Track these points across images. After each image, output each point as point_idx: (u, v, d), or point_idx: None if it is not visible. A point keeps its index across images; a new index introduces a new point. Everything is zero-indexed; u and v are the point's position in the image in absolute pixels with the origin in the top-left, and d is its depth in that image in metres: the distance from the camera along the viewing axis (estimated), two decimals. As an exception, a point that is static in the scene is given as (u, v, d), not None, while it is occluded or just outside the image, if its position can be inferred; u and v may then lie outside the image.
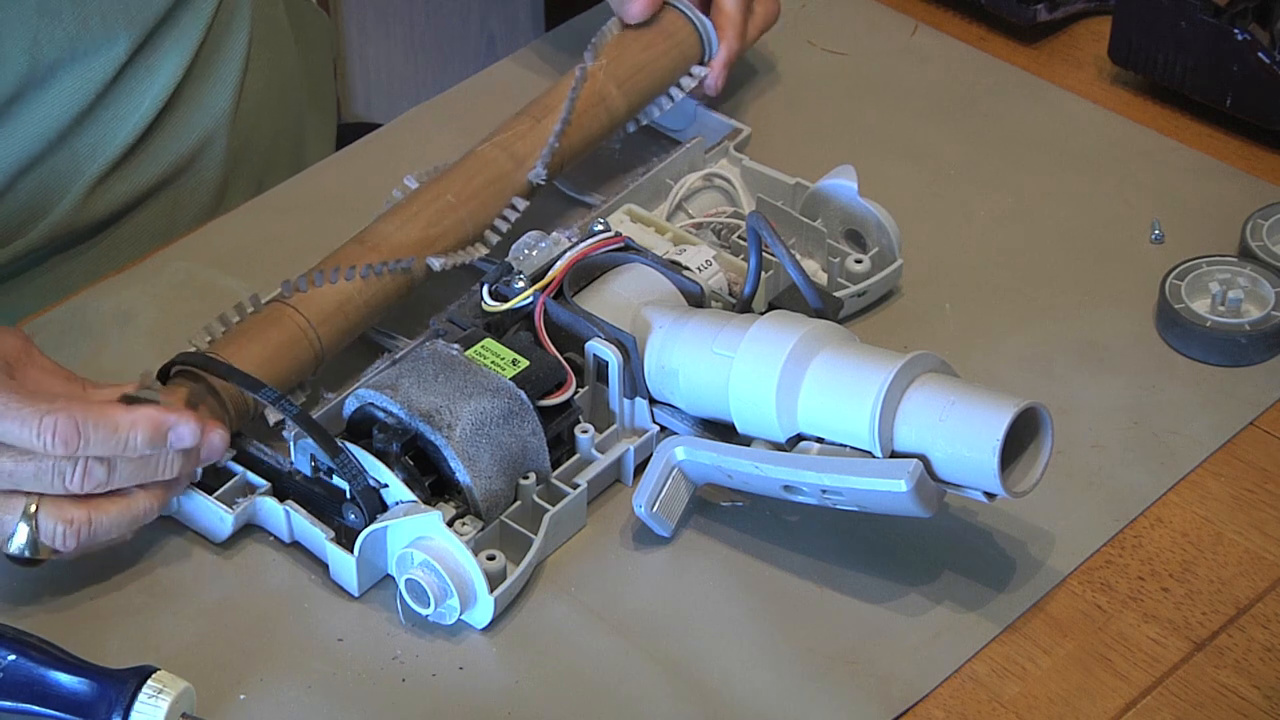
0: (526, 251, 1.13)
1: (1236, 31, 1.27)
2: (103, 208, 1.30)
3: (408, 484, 1.03)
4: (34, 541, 1.01)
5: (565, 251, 1.12)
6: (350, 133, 1.52)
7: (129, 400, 1.02)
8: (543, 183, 1.18)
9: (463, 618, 1.03)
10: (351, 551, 1.03)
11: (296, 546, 1.07)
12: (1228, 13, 1.28)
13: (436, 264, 1.13)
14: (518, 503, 1.06)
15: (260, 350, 1.08)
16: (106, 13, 1.24)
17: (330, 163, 1.32)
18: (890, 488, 1.00)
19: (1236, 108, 1.30)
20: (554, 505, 1.05)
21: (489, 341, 1.08)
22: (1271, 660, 1.02)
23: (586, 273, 1.13)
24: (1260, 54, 1.27)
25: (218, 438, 1.02)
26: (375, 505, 1.03)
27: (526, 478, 1.06)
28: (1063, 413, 1.09)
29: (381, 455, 1.03)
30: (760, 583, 1.05)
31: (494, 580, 1.02)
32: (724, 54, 1.26)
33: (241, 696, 1.00)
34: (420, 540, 1.02)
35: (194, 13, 1.30)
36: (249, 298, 1.10)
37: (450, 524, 1.02)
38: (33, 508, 1.00)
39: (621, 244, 1.13)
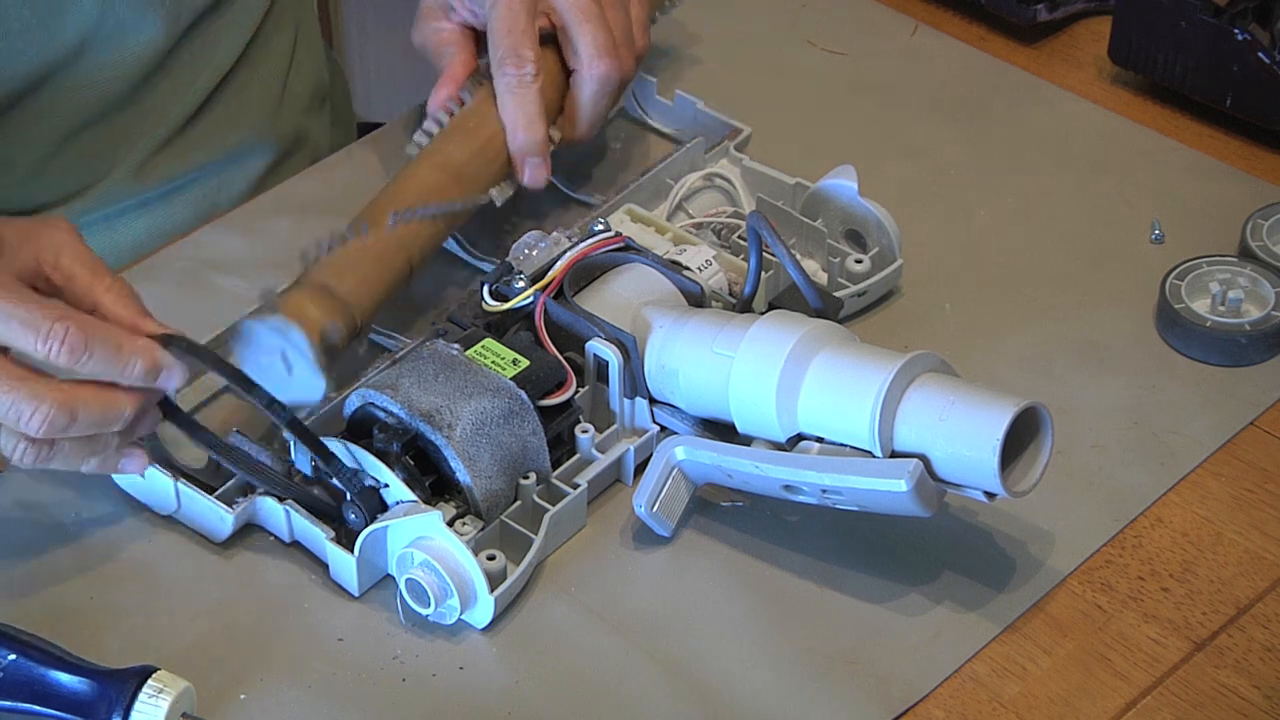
0: (526, 251, 1.13)
1: (1236, 31, 1.27)
2: (152, 181, 1.32)
3: (408, 484, 1.03)
4: None
5: (565, 251, 1.12)
6: (350, 133, 1.53)
7: (163, 340, 1.01)
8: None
9: (463, 618, 1.03)
10: (351, 551, 1.03)
11: (296, 546, 1.07)
12: (1228, 13, 1.28)
13: (499, 198, 1.18)
14: (518, 503, 1.06)
15: (363, 263, 1.10)
16: None
17: (331, 162, 1.32)
18: (890, 488, 1.00)
19: (1236, 108, 1.30)
20: (554, 505, 1.05)
21: (489, 341, 1.08)
22: (1271, 660, 1.02)
23: (586, 273, 1.13)
24: (1260, 54, 1.27)
25: (179, 374, 1.02)
26: (374, 506, 1.03)
27: (527, 478, 1.06)
28: (1063, 413, 1.09)
29: (382, 455, 1.03)
30: (760, 583, 1.05)
31: (494, 580, 1.02)
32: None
33: (241, 696, 1.00)
34: (420, 540, 1.02)
35: (247, 4, 1.34)
36: (348, 226, 1.12)
37: (450, 524, 1.03)
38: None
39: (621, 244, 1.13)
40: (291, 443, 1.06)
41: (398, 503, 1.03)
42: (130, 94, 1.29)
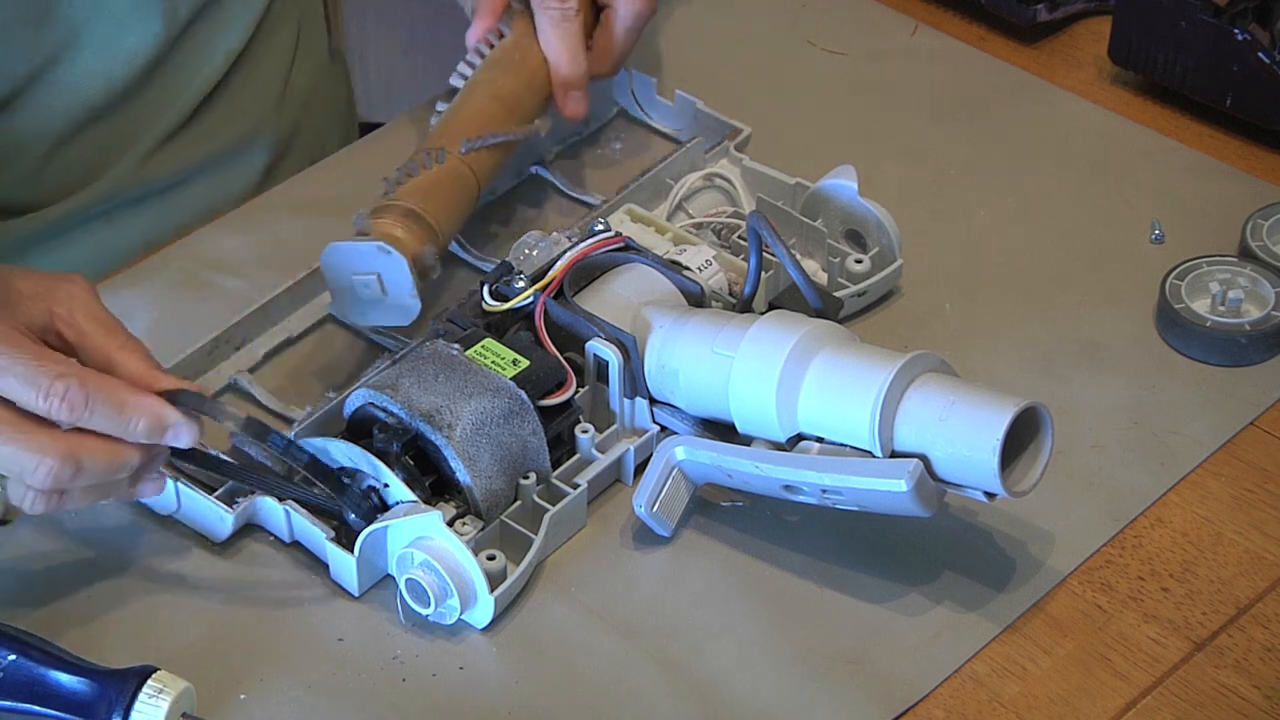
0: (526, 251, 1.13)
1: (1236, 31, 1.27)
2: (157, 174, 1.33)
3: (408, 484, 1.03)
4: (3, 503, 1.00)
5: (565, 251, 1.12)
6: (350, 133, 1.53)
7: (172, 396, 1.00)
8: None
9: (463, 618, 1.03)
10: (351, 551, 1.03)
11: (296, 546, 1.07)
12: (1228, 13, 1.28)
13: (543, 130, 1.20)
14: (518, 503, 1.06)
15: (443, 188, 1.12)
16: None
17: (331, 162, 1.32)
18: (890, 488, 1.00)
19: (1236, 108, 1.30)
20: (554, 505, 1.05)
21: (489, 341, 1.08)
22: (1271, 660, 1.02)
23: (586, 273, 1.13)
24: (1260, 54, 1.27)
25: (186, 433, 1.00)
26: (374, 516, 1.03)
27: (526, 478, 1.06)
28: (1063, 413, 1.09)
29: (382, 455, 1.03)
30: (760, 583, 1.05)
31: (494, 580, 1.02)
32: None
33: (241, 696, 1.00)
34: (420, 540, 1.02)
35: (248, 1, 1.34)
36: (425, 154, 1.13)
37: (450, 524, 1.03)
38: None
39: (621, 244, 1.13)
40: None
41: (398, 503, 1.03)
42: (130, 89, 1.29)
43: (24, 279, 1.02)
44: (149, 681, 0.96)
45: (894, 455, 1.01)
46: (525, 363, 1.07)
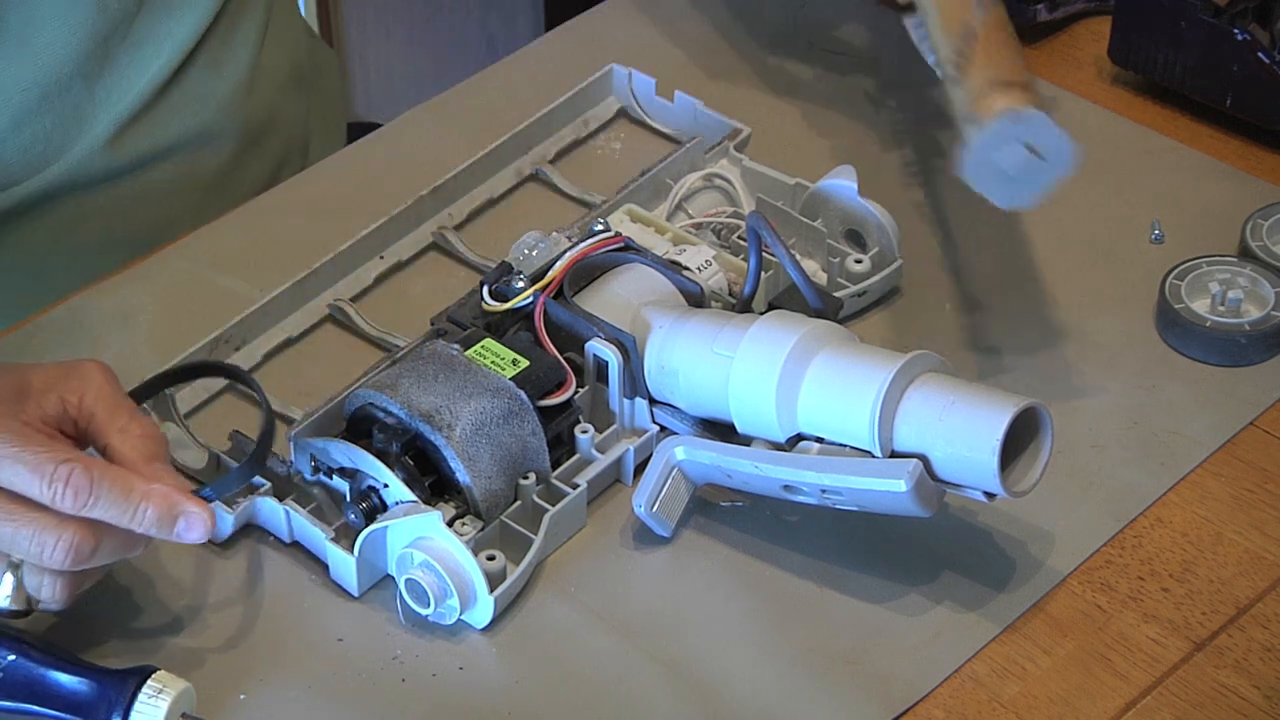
0: (526, 251, 1.13)
1: (1236, 31, 1.27)
2: (118, 158, 1.32)
3: (408, 484, 1.03)
4: (20, 594, 0.98)
5: (565, 251, 1.12)
6: (350, 132, 1.52)
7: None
8: None
9: (463, 618, 1.03)
10: (351, 551, 1.03)
11: (296, 546, 1.07)
12: (1227, 12, 1.28)
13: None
14: (518, 503, 1.06)
15: (1007, 45, 1.12)
16: None
17: (330, 162, 1.32)
18: (890, 488, 1.00)
19: (1236, 108, 1.29)
20: (554, 505, 1.05)
21: (489, 341, 1.08)
22: (1271, 660, 1.02)
23: (586, 273, 1.13)
24: (1260, 54, 1.27)
25: (199, 525, 0.99)
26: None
27: (526, 478, 1.06)
28: (1063, 413, 1.09)
29: (381, 455, 1.03)
30: (760, 583, 1.05)
31: (494, 580, 1.02)
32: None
33: (241, 696, 1.00)
34: (420, 540, 1.02)
35: None
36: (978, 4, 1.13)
37: (450, 524, 1.03)
38: (17, 557, 0.97)
39: (621, 244, 1.13)
40: (292, 444, 1.06)
41: (398, 503, 1.03)
42: (81, 71, 1.28)
43: (37, 373, 1.00)
44: (149, 681, 0.96)
45: (894, 455, 1.01)
46: (525, 363, 1.07)
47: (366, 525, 1.03)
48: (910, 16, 1.26)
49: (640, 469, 1.09)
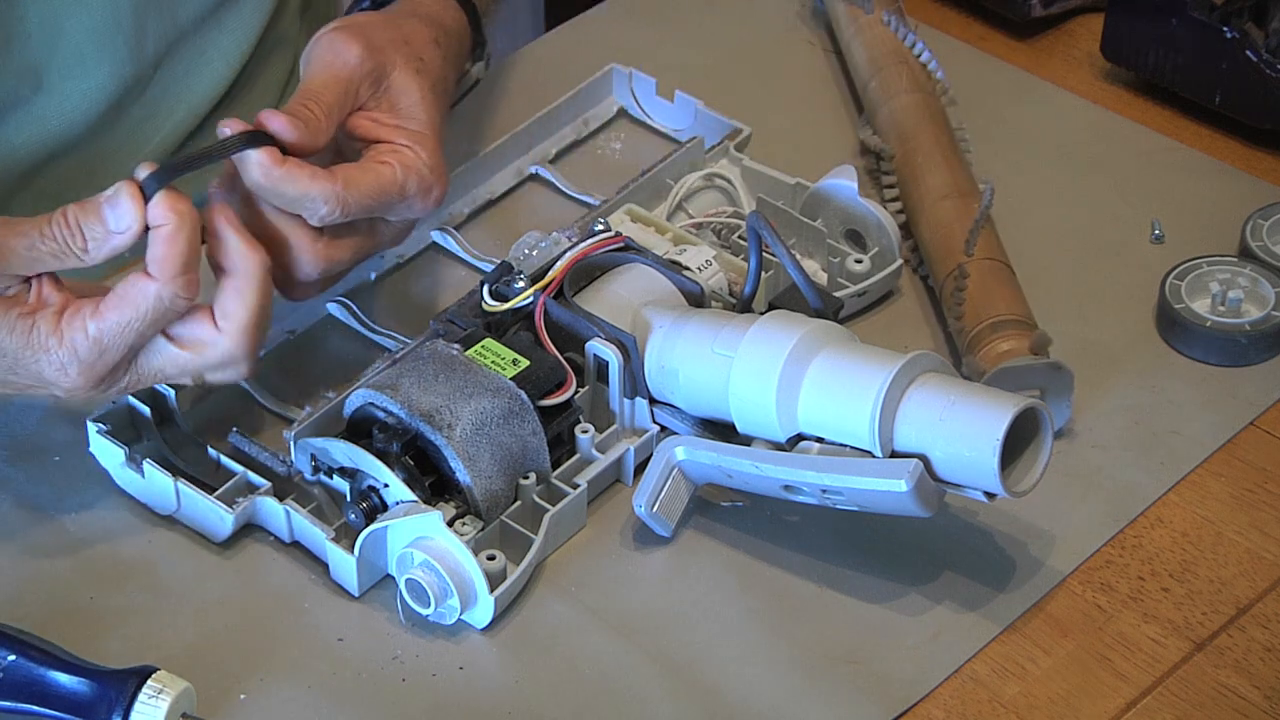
0: (526, 251, 1.13)
1: (1225, 29, 1.27)
2: None
3: (408, 484, 1.03)
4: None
5: (565, 251, 1.12)
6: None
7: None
8: None
9: (463, 618, 1.03)
10: (352, 551, 1.03)
11: (296, 546, 1.07)
12: (1222, 10, 1.28)
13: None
14: (518, 503, 1.06)
15: (1002, 283, 1.15)
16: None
17: (330, 163, 1.32)
18: (890, 488, 1.00)
19: (1225, 106, 1.30)
20: (554, 505, 1.05)
21: (489, 341, 1.08)
22: (1271, 660, 1.02)
23: (586, 273, 1.13)
24: (1248, 52, 1.27)
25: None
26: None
27: (526, 478, 1.06)
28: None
29: (382, 455, 1.03)
30: (760, 583, 1.05)
31: (494, 580, 1.02)
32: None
33: (241, 696, 1.00)
34: (420, 540, 1.02)
35: (247, 10, 1.32)
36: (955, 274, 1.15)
37: (450, 524, 1.03)
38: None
39: (621, 244, 1.13)
40: (292, 444, 1.06)
41: (398, 503, 1.03)
42: (101, 125, 1.27)
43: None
44: (149, 681, 0.96)
45: (894, 455, 1.01)
46: (525, 363, 1.07)
47: (367, 525, 1.03)
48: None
49: (640, 469, 1.09)
